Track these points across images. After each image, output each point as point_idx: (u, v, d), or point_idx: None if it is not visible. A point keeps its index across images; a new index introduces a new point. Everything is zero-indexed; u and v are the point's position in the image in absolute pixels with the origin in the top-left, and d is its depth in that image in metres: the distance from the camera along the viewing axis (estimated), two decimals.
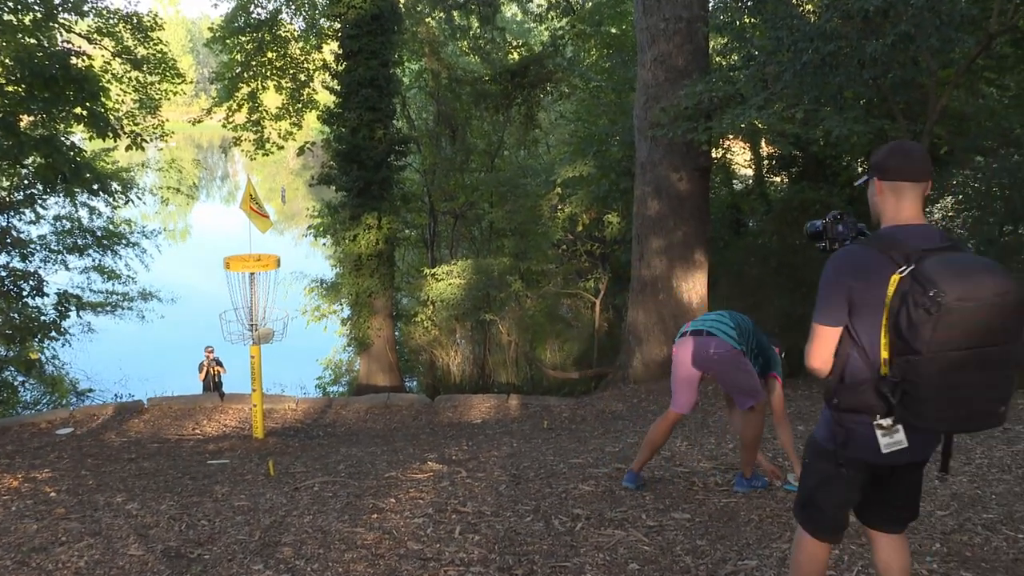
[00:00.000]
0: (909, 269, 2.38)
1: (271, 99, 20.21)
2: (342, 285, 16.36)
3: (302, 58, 19.66)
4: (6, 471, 6.54)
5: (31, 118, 13.86)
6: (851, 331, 2.57)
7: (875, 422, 2.53)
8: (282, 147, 20.39)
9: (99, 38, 15.91)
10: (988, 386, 2.39)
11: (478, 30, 19.13)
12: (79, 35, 15.53)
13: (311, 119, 20.29)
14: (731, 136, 13.31)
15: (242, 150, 20.41)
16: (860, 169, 13.08)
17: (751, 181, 16.51)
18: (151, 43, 16.51)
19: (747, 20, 10.09)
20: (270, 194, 52.53)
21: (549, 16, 18.98)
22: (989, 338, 2.33)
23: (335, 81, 15.56)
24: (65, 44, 14.42)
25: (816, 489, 2.80)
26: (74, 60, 13.64)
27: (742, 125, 9.29)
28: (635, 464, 5.26)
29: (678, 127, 9.89)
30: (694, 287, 10.97)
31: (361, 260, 14.98)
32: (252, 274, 7.95)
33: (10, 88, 13.43)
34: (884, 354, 2.47)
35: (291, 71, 19.66)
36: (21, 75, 13.00)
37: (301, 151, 18.44)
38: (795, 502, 2.93)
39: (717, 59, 12.57)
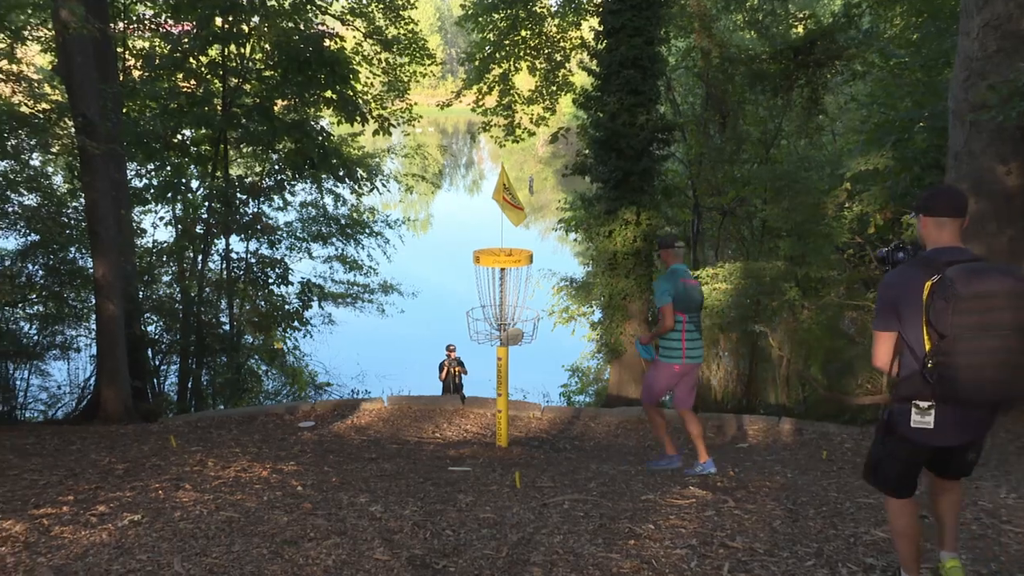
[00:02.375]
0: (938, 276, 3.36)
1: (523, 81, 20.83)
2: (594, 285, 16.55)
3: (558, 36, 20.11)
4: (255, 460, 7.20)
5: (284, 102, 15.16)
6: (902, 335, 3.55)
7: (914, 401, 3.50)
8: (533, 133, 20.92)
9: (351, 19, 17.11)
10: (1004, 366, 3.27)
11: (756, 1, 18.71)
12: (333, 16, 16.79)
13: (565, 103, 20.67)
14: None
15: (491, 136, 21.16)
16: None
17: None
18: (402, 22, 17.54)
19: None
20: (516, 184, 54.03)
21: None
22: (1004, 325, 3.25)
23: (594, 61, 15.72)
24: (320, 27, 15.67)
25: (881, 459, 3.79)
26: (327, 42, 14.79)
27: None
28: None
29: (1012, 108, 9.07)
30: None
31: (616, 259, 15.08)
32: (503, 270, 8.17)
33: (267, 73, 14.80)
34: (927, 346, 3.40)
35: (546, 51, 20.17)
36: (278, 60, 14.28)
37: (554, 138, 18.81)
38: (864, 466, 3.92)
39: None
